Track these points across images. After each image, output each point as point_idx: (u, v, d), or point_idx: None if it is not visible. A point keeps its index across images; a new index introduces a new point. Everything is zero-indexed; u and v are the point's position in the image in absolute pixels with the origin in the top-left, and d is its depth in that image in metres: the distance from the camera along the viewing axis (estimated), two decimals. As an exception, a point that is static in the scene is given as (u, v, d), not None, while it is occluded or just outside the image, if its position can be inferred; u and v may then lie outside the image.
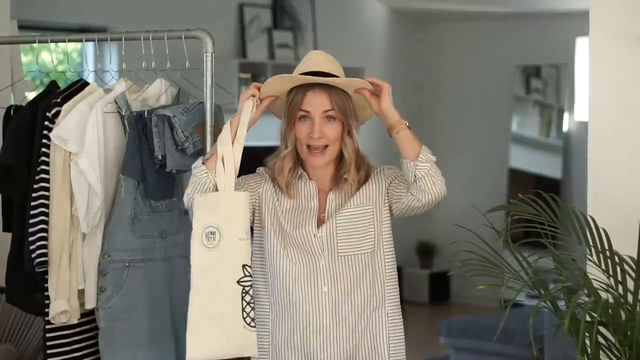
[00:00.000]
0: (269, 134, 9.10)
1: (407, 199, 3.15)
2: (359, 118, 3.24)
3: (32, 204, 3.62)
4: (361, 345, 3.20)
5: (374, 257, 3.20)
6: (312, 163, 3.16)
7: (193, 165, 3.23)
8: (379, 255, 3.20)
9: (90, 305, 3.66)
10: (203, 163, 3.20)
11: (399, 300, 3.27)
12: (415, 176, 3.08)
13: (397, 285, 3.27)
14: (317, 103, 3.11)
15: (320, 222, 3.19)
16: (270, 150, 3.32)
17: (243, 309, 3.14)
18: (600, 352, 3.24)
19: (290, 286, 3.19)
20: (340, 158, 3.20)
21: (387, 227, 3.23)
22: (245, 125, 3.17)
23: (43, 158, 3.62)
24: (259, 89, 3.20)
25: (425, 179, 3.08)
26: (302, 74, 3.15)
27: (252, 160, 3.35)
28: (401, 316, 3.27)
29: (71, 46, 4.10)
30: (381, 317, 3.21)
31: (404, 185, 3.16)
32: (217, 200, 3.15)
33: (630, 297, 3.26)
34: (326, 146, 3.14)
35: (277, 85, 3.19)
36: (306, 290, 3.18)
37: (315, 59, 3.17)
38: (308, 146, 3.15)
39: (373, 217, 3.19)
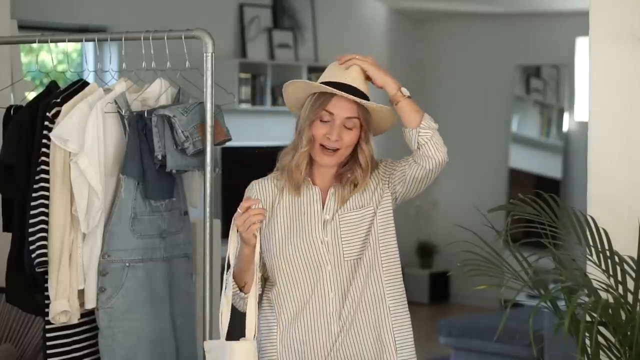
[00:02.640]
0: (268, 134, 9.09)
1: (410, 170, 3.15)
2: (374, 132, 3.24)
3: (32, 204, 3.62)
4: (367, 346, 3.18)
5: (376, 258, 3.17)
6: (322, 162, 3.15)
7: (227, 281, 3.16)
8: (376, 250, 3.17)
9: (90, 305, 3.66)
10: (241, 289, 3.16)
11: (404, 295, 3.24)
12: (418, 143, 3.11)
13: (402, 283, 3.24)
14: (343, 107, 3.11)
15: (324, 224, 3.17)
16: (269, 150, 3.31)
17: None
18: (600, 352, 3.24)
19: (294, 297, 3.16)
20: (345, 160, 3.19)
21: (388, 218, 3.20)
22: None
23: (43, 158, 3.62)
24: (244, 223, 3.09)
25: (429, 145, 3.10)
26: (335, 82, 3.13)
27: (252, 159, 3.34)
28: (407, 312, 3.24)
29: (71, 46, 4.11)
30: (384, 311, 3.18)
31: (404, 163, 3.17)
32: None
33: (630, 297, 3.26)
34: (339, 149, 3.14)
35: (312, 88, 3.16)
36: (314, 297, 3.15)
37: (355, 74, 3.14)
38: (321, 145, 3.14)
39: (374, 218, 3.18)
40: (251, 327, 3.13)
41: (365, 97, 3.15)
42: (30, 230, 3.60)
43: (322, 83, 3.14)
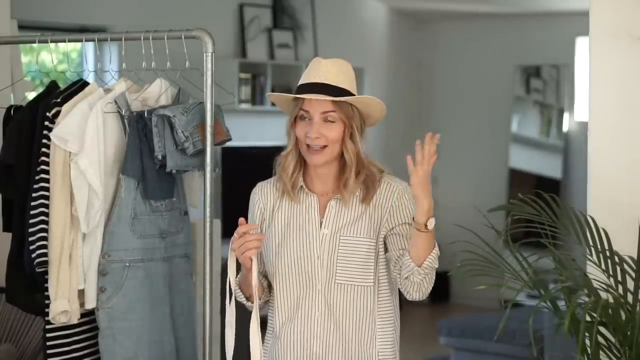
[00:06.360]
0: (268, 134, 9.08)
1: (393, 274, 3.09)
2: (368, 122, 3.14)
3: (32, 204, 3.62)
4: None
5: (367, 291, 3.10)
6: (311, 161, 3.09)
7: (234, 291, 3.15)
8: (375, 290, 3.11)
9: (90, 305, 3.66)
10: (247, 299, 3.14)
11: (394, 335, 3.17)
12: (407, 277, 3.03)
13: (394, 322, 3.17)
14: (316, 104, 3.04)
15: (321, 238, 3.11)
16: (267, 150, 3.30)
17: None
18: (600, 352, 3.24)
19: (283, 307, 3.13)
20: (344, 161, 3.11)
21: (384, 261, 3.14)
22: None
23: (43, 158, 3.62)
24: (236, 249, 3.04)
25: (414, 286, 3.04)
26: (306, 84, 3.08)
27: (252, 159, 3.33)
28: (395, 351, 3.17)
29: (71, 46, 4.10)
30: (371, 351, 3.12)
31: (398, 252, 3.08)
32: None
33: (630, 297, 3.26)
34: (325, 146, 3.08)
35: (283, 98, 3.14)
36: (299, 314, 3.10)
37: (323, 69, 3.06)
38: (308, 145, 3.09)
39: (374, 252, 3.11)
40: (256, 353, 3.07)
41: (341, 90, 3.05)
42: (30, 230, 3.60)
43: (298, 85, 3.10)
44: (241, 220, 3.03)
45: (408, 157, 2.91)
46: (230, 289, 3.10)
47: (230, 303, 3.09)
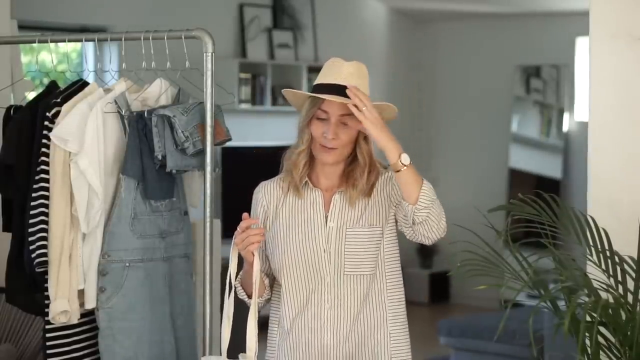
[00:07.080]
0: (268, 134, 9.09)
1: (407, 232, 3.13)
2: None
3: (32, 204, 3.62)
4: None
5: (376, 279, 3.15)
6: (322, 159, 3.13)
7: (236, 287, 3.19)
8: (382, 276, 3.16)
9: (90, 305, 3.66)
10: (249, 296, 3.16)
11: (406, 322, 3.22)
12: (413, 221, 3.06)
13: (403, 306, 3.22)
14: (336, 105, 3.08)
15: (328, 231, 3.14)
16: (268, 150, 3.30)
17: None
18: (600, 352, 3.24)
19: (293, 302, 3.15)
20: (351, 158, 3.17)
21: (394, 246, 3.19)
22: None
23: (43, 158, 3.62)
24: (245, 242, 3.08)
25: (424, 225, 3.06)
26: (327, 84, 3.10)
27: (252, 159, 3.33)
28: (408, 339, 3.21)
29: (71, 46, 4.10)
30: (384, 337, 3.16)
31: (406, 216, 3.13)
32: None
33: (630, 297, 3.26)
34: (337, 148, 3.11)
35: (302, 96, 3.16)
36: (309, 307, 3.14)
37: (345, 72, 3.10)
38: (321, 144, 3.12)
39: (381, 238, 3.16)
40: (252, 345, 3.11)
41: None
42: (30, 230, 3.60)
43: (316, 84, 3.13)
44: (244, 215, 3.09)
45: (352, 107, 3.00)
46: (230, 283, 3.12)
47: (229, 297, 3.12)
